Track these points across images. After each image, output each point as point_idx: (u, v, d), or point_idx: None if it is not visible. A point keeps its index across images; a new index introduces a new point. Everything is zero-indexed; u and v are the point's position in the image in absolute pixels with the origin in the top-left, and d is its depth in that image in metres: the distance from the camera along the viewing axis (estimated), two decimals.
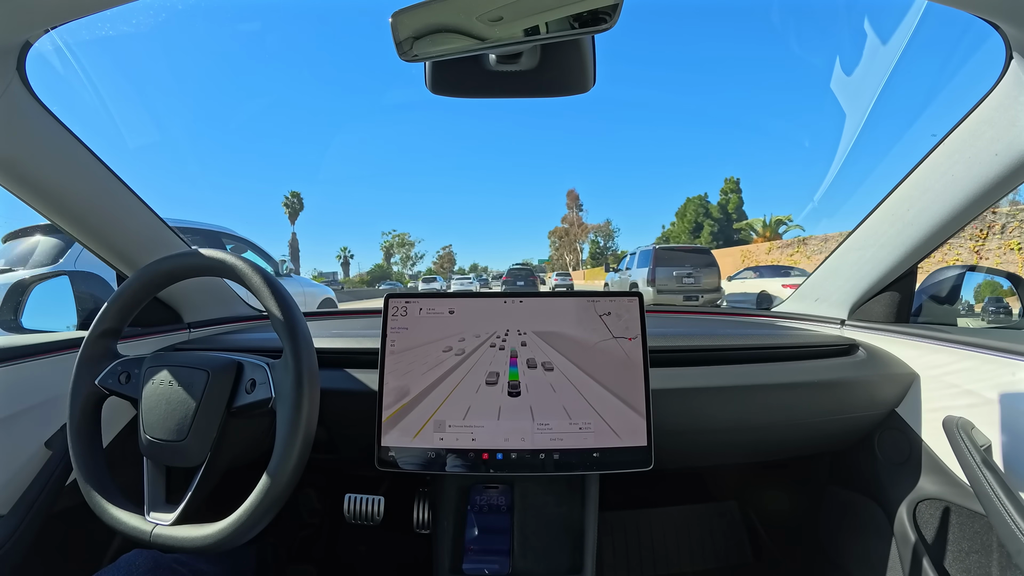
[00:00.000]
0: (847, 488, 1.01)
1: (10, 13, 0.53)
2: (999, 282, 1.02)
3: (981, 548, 0.73)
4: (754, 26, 67.93)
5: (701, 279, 9.84)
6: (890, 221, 0.88)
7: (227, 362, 0.65)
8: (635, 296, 0.75)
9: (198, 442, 0.61)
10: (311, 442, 0.59)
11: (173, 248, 0.93)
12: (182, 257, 0.68)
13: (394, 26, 0.51)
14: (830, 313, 1.05)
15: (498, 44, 0.53)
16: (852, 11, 37.08)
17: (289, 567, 1.19)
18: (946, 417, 0.76)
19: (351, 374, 0.80)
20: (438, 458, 0.69)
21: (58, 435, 0.74)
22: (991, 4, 0.55)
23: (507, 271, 22.51)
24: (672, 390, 0.78)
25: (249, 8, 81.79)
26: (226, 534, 0.57)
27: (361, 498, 0.79)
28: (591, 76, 0.63)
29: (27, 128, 0.67)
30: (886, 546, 0.87)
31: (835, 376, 0.84)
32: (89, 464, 0.64)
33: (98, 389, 0.66)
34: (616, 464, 0.69)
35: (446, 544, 0.75)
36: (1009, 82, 0.64)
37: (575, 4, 0.48)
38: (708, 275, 9.94)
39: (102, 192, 0.81)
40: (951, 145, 0.75)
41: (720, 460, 1.10)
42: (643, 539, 1.32)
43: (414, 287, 27.74)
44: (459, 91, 0.66)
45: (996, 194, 0.73)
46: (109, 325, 0.68)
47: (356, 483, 1.26)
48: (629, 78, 76.15)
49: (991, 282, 1.01)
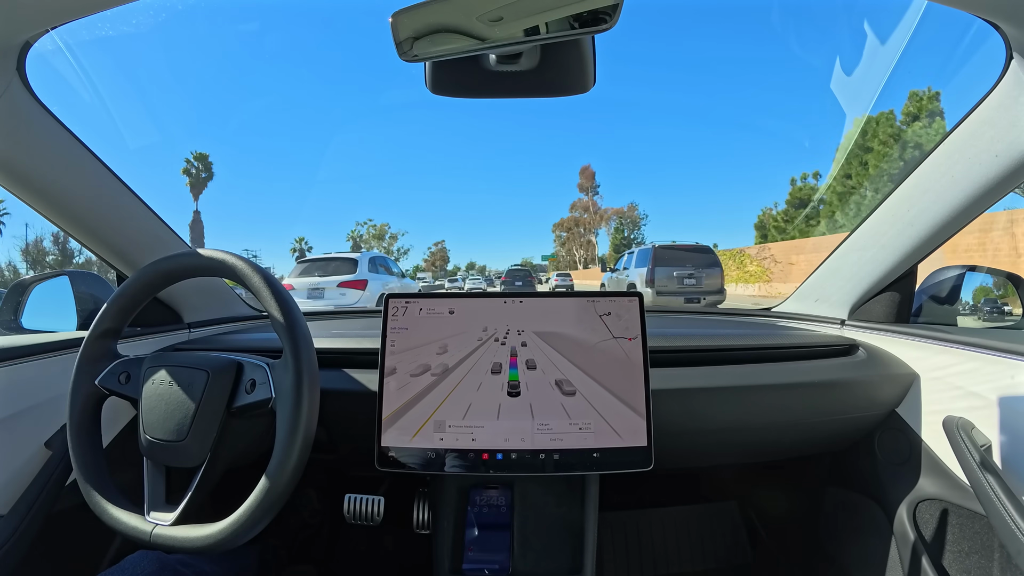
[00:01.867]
0: (847, 488, 1.01)
1: (10, 13, 0.53)
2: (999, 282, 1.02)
3: (981, 548, 0.73)
4: (754, 26, 68.01)
5: (703, 280, 9.19)
6: (890, 221, 0.88)
7: (227, 362, 0.65)
8: (635, 296, 0.75)
9: (198, 442, 0.61)
10: (311, 442, 0.59)
11: (173, 248, 0.93)
12: (182, 257, 0.68)
13: (394, 26, 0.51)
14: (830, 313, 1.05)
15: (498, 44, 0.53)
16: (852, 11, 37.08)
17: (289, 567, 1.19)
18: (946, 417, 0.76)
19: (351, 374, 0.80)
20: (438, 458, 0.69)
21: (58, 435, 0.74)
22: (991, 4, 0.55)
23: (506, 271, 23.24)
24: (672, 390, 0.78)
25: (249, 8, 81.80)
26: (226, 534, 0.57)
27: (361, 498, 0.79)
28: (591, 76, 0.63)
29: (27, 128, 0.67)
30: (886, 546, 0.87)
31: (835, 376, 0.84)
32: (89, 464, 0.64)
33: (98, 389, 0.66)
34: (616, 464, 0.69)
35: (446, 544, 0.75)
36: (1009, 82, 0.64)
37: (575, 4, 0.48)
38: (711, 276, 9.29)
39: (102, 192, 0.81)
40: (951, 145, 0.75)
41: (720, 460, 1.10)
42: (643, 539, 1.32)
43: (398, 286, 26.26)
44: (459, 91, 0.66)
45: (996, 195, 0.73)
46: (109, 325, 0.68)
47: (356, 483, 1.26)
48: (629, 77, 76.16)
49: (992, 282, 1.01)
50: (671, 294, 9.12)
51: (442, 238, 77.15)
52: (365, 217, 54.04)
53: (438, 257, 63.71)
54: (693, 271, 9.23)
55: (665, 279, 9.18)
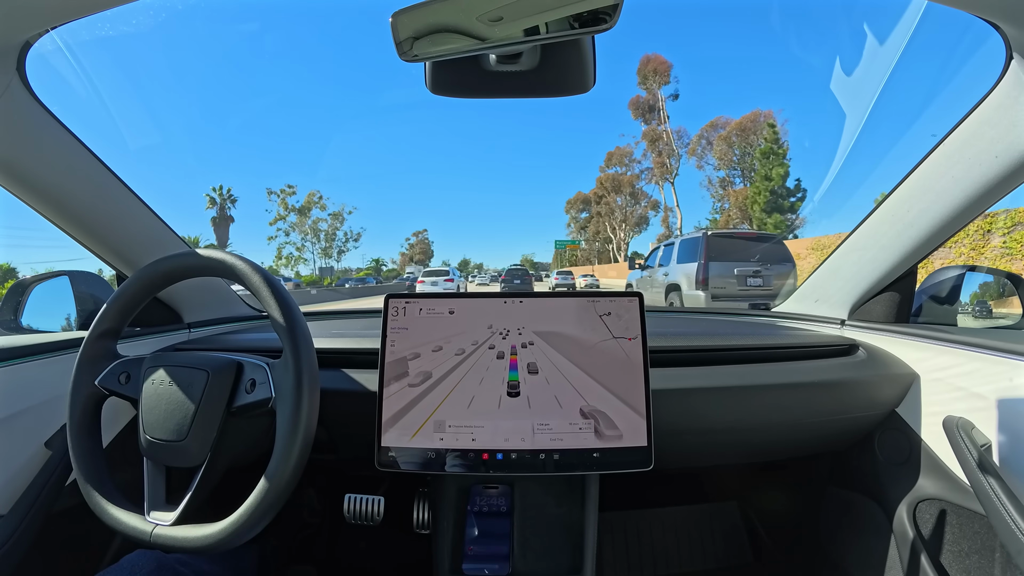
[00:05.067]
0: (847, 488, 1.01)
1: (10, 13, 0.53)
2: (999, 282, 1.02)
3: (981, 548, 0.73)
4: (754, 26, 67.95)
5: (772, 279, 6.59)
6: (890, 222, 0.88)
7: (227, 362, 0.65)
8: (635, 296, 0.75)
9: (198, 442, 0.61)
10: (311, 442, 0.59)
11: (173, 248, 0.93)
12: (181, 257, 0.68)
13: (394, 26, 0.51)
14: (830, 313, 1.05)
15: (498, 44, 0.53)
16: (851, 12, 37.03)
17: (289, 567, 1.19)
18: (946, 417, 0.76)
19: (351, 374, 0.80)
20: (438, 458, 0.69)
21: (58, 435, 0.74)
22: (991, 4, 0.55)
23: (505, 271, 23.66)
24: (672, 390, 0.78)
25: (249, 8, 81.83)
26: (226, 534, 0.57)
27: (361, 498, 0.79)
28: (591, 76, 0.63)
29: (27, 128, 0.67)
30: (886, 546, 0.87)
31: (835, 376, 0.84)
32: (89, 464, 0.64)
33: (98, 389, 0.66)
34: (616, 464, 0.69)
35: (446, 544, 0.75)
36: (1009, 82, 0.64)
37: (575, 4, 0.48)
38: (781, 274, 6.65)
39: (102, 192, 0.81)
40: (951, 146, 0.75)
41: (720, 460, 1.10)
42: (643, 539, 1.32)
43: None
44: (459, 91, 0.66)
45: (996, 195, 0.73)
46: (109, 325, 0.68)
47: (356, 483, 1.26)
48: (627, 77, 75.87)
49: (992, 282, 1.01)
50: (731, 298, 6.53)
51: (424, 227, 66.46)
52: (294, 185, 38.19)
53: (418, 249, 55.26)
54: (759, 267, 6.63)
55: (723, 278, 6.57)
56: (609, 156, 34.95)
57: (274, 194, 38.47)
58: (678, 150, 30.51)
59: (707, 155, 29.47)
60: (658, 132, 30.98)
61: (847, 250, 0.99)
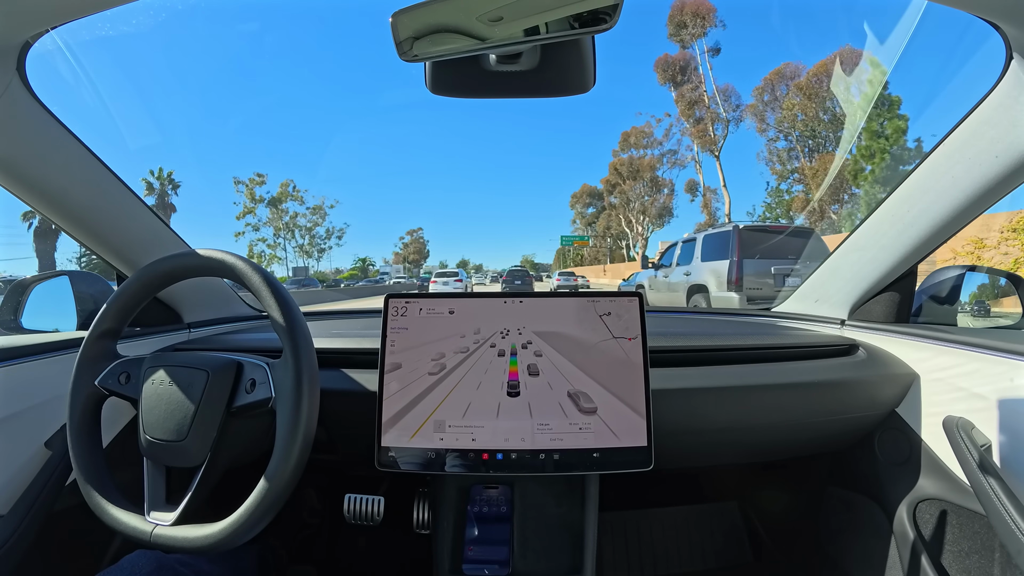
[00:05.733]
0: (847, 488, 1.01)
1: (10, 13, 0.53)
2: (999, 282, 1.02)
3: (981, 548, 0.73)
4: (753, 26, 67.95)
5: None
6: (890, 222, 0.88)
7: (227, 362, 0.65)
8: (635, 296, 0.75)
9: (198, 442, 0.61)
10: (311, 442, 0.59)
11: (173, 248, 0.93)
12: (181, 257, 0.68)
13: (394, 26, 0.51)
14: (830, 313, 1.05)
15: (498, 44, 0.53)
16: (851, 11, 37.04)
17: (289, 567, 1.19)
18: (946, 417, 0.76)
19: (351, 374, 0.80)
20: (438, 458, 0.69)
21: (58, 435, 0.74)
22: (991, 4, 0.55)
23: (507, 272, 23.80)
24: (672, 390, 0.78)
25: (249, 8, 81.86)
26: (226, 534, 0.57)
27: (361, 498, 0.79)
28: (591, 76, 0.63)
29: (27, 128, 0.67)
30: (886, 546, 0.87)
31: (835, 376, 0.84)
32: (89, 464, 0.64)
33: (98, 389, 0.66)
34: (616, 464, 0.69)
35: (446, 544, 0.75)
36: (1009, 82, 0.64)
37: (575, 4, 0.48)
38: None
39: (102, 192, 0.81)
40: (951, 146, 0.75)
41: (720, 460, 1.10)
42: (643, 539, 1.32)
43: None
44: (459, 91, 0.66)
45: (996, 195, 0.73)
46: (109, 325, 0.68)
47: (356, 483, 1.26)
48: (629, 78, 75.84)
49: (992, 282, 1.01)
50: (767, 300, 5.02)
51: (419, 226, 64.86)
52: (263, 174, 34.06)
53: (412, 248, 51.16)
54: (797, 264, 5.96)
55: (758, 277, 5.83)
56: (625, 136, 28.58)
57: (242, 183, 34.57)
58: (725, 113, 23.53)
59: (769, 115, 21.88)
60: (697, 94, 24.10)
61: (847, 250, 0.99)
